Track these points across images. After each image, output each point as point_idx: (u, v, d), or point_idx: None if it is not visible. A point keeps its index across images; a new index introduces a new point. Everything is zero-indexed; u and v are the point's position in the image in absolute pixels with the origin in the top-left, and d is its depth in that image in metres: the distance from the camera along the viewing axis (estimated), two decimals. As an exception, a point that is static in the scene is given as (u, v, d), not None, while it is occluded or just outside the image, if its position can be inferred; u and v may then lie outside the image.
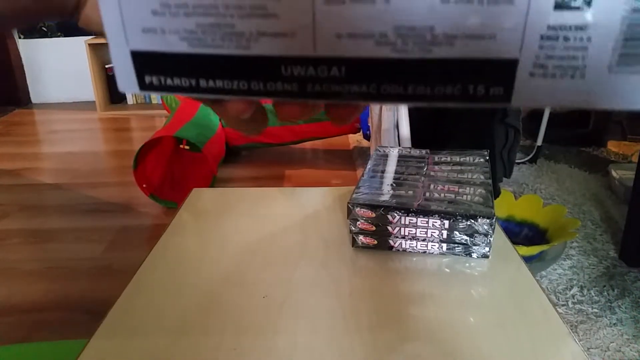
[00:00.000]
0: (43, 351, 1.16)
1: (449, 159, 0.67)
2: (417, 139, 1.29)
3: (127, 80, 0.20)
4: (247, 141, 2.16)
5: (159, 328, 0.44)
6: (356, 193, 0.57)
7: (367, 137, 2.05)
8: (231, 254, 0.56)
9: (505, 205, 1.50)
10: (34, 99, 3.49)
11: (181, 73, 0.20)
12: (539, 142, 2.14)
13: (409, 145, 1.28)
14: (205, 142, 1.83)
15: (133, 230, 1.69)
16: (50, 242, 1.64)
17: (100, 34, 0.24)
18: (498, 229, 0.58)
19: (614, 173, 1.88)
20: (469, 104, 0.18)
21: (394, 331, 0.44)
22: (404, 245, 0.55)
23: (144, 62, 0.20)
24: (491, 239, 0.53)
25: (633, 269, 1.42)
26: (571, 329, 0.45)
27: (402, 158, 0.69)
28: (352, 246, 0.57)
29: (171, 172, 2.01)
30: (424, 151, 0.71)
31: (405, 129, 1.26)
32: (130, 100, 3.38)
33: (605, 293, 1.31)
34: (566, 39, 0.16)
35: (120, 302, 0.48)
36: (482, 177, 0.61)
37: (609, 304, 1.27)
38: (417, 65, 0.18)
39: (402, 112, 1.26)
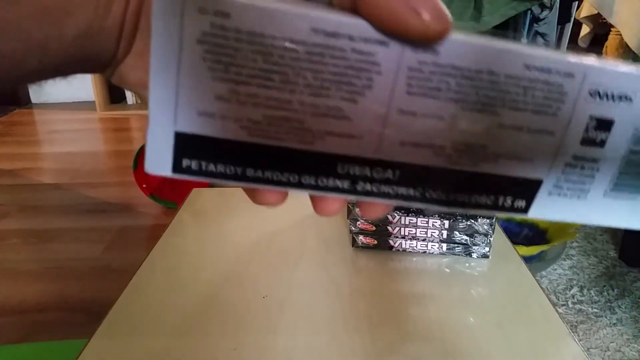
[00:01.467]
0: (43, 351, 1.16)
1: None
2: None
3: (159, 161, 0.19)
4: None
5: (159, 328, 0.44)
6: (356, 193, 0.57)
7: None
8: (231, 254, 0.56)
9: (505, 205, 1.50)
10: (34, 99, 3.49)
11: (229, 160, 0.19)
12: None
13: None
14: (205, 142, 1.83)
15: (133, 231, 1.69)
16: (49, 242, 1.64)
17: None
18: (498, 229, 0.58)
19: (613, 173, 1.87)
20: (493, 213, 0.21)
21: (394, 331, 0.44)
22: (404, 245, 0.55)
23: (188, 146, 0.18)
24: (491, 239, 0.53)
25: (633, 269, 1.42)
26: (571, 329, 0.45)
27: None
28: (352, 246, 0.57)
29: (171, 172, 2.01)
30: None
31: None
32: (130, 100, 3.38)
33: (605, 293, 1.31)
34: (582, 167, 0.20)
35: (120, 302, 0.48)
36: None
37: (609, 304, 1.27)
38: (463, 176, 0.20)
39: None
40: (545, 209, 0.21)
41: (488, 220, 0.51)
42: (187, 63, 0.17)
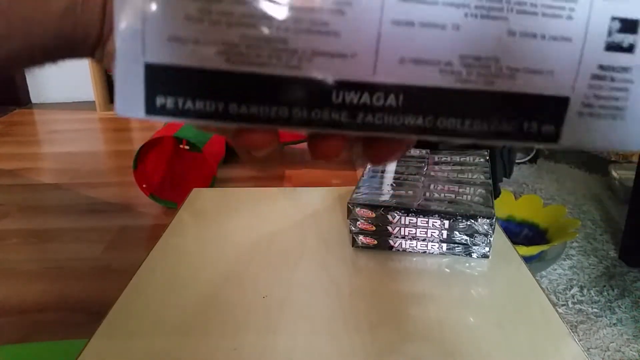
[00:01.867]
0: (43, 351, 1.16)
1: (449, 159, 0.67)
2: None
3: (129, 101, 0.17)
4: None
5: (159, 328, 0.44)
6: (356, 193, 0.57)
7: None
8: (231, 254, 0.56)
9: (505, 205, 1.50)
10: (34, 99, 3.48)
11: (208, 95, 0.16)
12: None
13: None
14: (205, 142, 1.83)
15: (133, 230, 1.69)
16: (49, 242, 1.64)
17: None
18: (498, 229, 0.58)
19: (614, 173, 1.88)
20: (519, 143, 0.18)
21: (394, 331, 0.44)
22: (404, 245, 0.55)
23: (161, 79, 0.16)
24: (491, 239, 0.53)
25: (633, 269, 1.42)
26: (571, 329, 0.45)
27: (402, 158, 0.69)
28: (352, 246, 0.57)
29: (171, 172, 2.01)
30: (424, 151, 0.71)
31: None
32: (130, 100, 3.38)
33: (605, 293, 1.31)
34: (612, 79, 0.17)
35: (120, 302, 0.48)
36: (482, 177, 0.61)
37: (609, 304, 1.27)
38: (478, 97, 0.17)
39: None
40: (578, 134, 0.18)
41: (488, 220, 0.51)
42: None
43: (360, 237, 0.56)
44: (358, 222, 0.55)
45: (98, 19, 0.20)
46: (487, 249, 0.53)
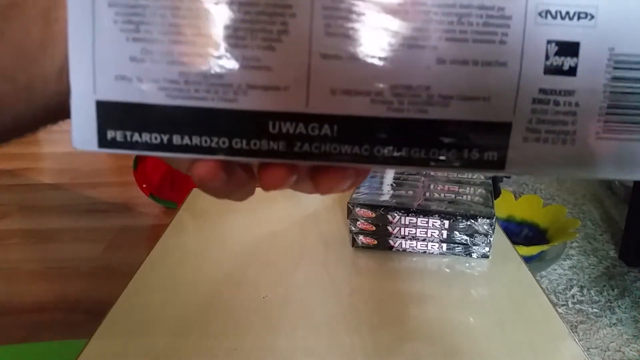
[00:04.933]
0: (43, 351, 1.16)
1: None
2: None
3: (84, 136, 0.18)
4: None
5: (159, 328, 0.44)
6: (356, 193, 0.57)
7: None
8: (231, 254, 0.56)
9: (505, 205, 1.50)
10: (34, 99, 3.48)
11: (152, 128, 0.17)
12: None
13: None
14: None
15: (133, 230, 1.69)
16: (49, 242, 1.64)
17: None
18: (498, 229, 0.58)
19: (614, 173, 1.87)
20: (463, 170, 0.18)
21: (394, 331, 0.44)
22: (404, 245, 0.55)
23: (109, 115, 0.17)
24: (491, 239, 0.53)
25: (633, 269, 1.42)
26: (571, 329, 0.45)
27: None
28: (352, 246, 0.57)
29: (171, 172, 2.01)
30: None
31: None
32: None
33: (605, 293, 1.31)
34: (556, 103, 0.17)
35: (120, 302, 0.48)
36: (482, 177, 0.61)
37: (609, 304, 1.27)
38: (412, 125, 0.17)
39: None
40: (526, 159, 0.17)
41: (488, 220, 0.51)
42: (100, 28, 0.17)
43: (360, 237, 0.56)
44: (358, 222, 0.55)
45: None
46: (487, 249, 0.53)
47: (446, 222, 0.53)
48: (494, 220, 0.52)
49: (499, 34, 0.17)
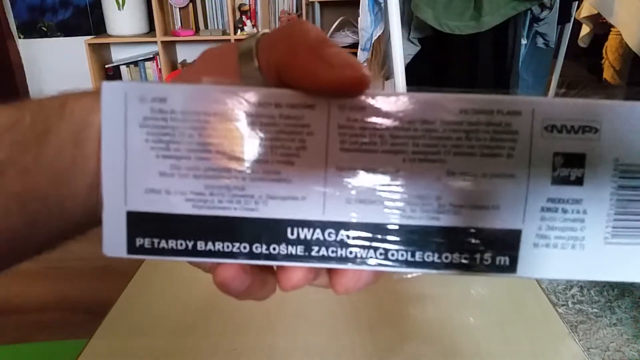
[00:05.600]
0: (43, 351, 1.17)
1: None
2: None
3: (114, 243, 0.19)
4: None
5: (159, 328, 0.44)
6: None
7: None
8: (231, 254, 0.56)
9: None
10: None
11: (178, 235, 0.19)
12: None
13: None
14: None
15: (133, 230, 1.69)
16: (50, 242, 1.64)
17: None
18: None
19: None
20: (476, 274, 0.19)
21: (394, 331, 0.44)
22: (404, 245, 0.55)
23: (139, 224, 0.19)
24: (491, 239, 0.53)
25: (633, 269, 1.42)
26: (571, 329, 0.45)
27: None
28: (352, 246, 0.57)
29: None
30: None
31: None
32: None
33: (605, 293, 1.31)
34: (564, 210, 0.18)
35: (120, 302, 0.48)
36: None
37: (609, 304, 1.27)
38: (426, 232, 0.18)
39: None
40: (537, 264, 0.18)
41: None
42: (132, 146, 0.18)
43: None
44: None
45: None
46: (487, 249, 0.53)
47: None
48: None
49: (506, 147, 0.18)
